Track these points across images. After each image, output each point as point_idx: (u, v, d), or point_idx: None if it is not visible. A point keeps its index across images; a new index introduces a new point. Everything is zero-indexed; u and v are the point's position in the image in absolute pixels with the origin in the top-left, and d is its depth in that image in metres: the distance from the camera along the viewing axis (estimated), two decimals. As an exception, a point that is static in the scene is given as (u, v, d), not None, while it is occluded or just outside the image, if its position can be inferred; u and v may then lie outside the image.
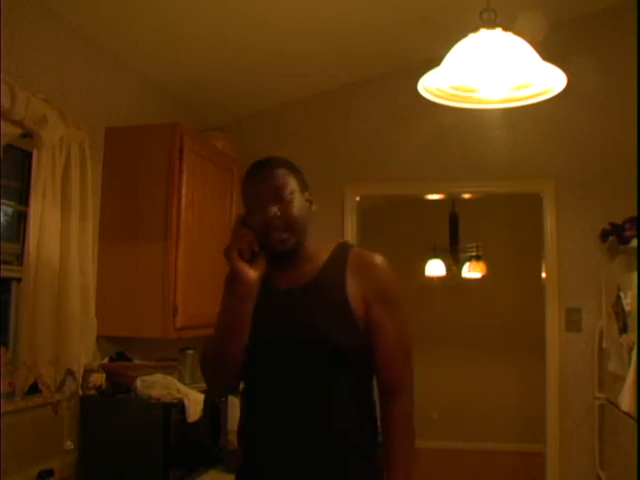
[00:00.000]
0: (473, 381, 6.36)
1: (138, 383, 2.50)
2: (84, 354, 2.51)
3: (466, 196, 4.55)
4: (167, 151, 2.78)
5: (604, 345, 3.49)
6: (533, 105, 1.90)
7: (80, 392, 2.53)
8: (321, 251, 1.60)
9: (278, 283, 1.58)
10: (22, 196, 2.46)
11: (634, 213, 3.31)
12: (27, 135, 2.26)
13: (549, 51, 1.84)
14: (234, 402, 2.78)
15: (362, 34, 3.31)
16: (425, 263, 6.43)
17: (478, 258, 6.31)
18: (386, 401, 1.55)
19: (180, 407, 2.48)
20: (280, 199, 1.50)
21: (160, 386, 2.50)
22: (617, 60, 3.64)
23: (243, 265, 1.45)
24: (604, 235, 3.58)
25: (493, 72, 1.73)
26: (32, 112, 2.19)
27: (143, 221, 2.78)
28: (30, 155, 2.34)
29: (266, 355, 1.52)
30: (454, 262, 6.50)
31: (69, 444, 2.46)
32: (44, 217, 2.30)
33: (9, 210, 2.46)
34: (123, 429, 2.43)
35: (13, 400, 2.23)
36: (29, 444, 2.30)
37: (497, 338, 6.28)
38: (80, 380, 2.50)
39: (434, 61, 1.75)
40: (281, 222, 1.49)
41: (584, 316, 3.66)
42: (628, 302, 3.00)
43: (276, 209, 1.48)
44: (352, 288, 1.52)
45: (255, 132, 4.07)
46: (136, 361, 2.79)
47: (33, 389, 2.31)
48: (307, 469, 1.48)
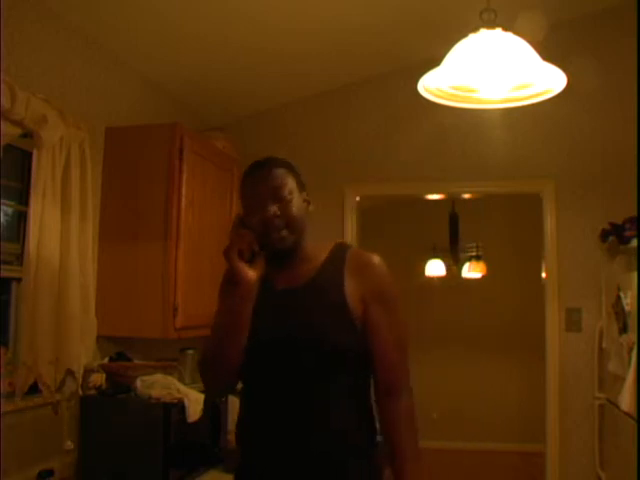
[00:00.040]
0: (473, 381, 6.36)
1: (138, 383, 2.50)
2: (84, 354, 2.51)
3: (466, 196, 4.55)
4: (167, 151, 2.78)
5: (604, 345, 3.48)
6: (533, 105, 1.90)
7: (80, 392, 2.53)
8: (319, 251, 1.60)
9: (276, 283, 1.57)
10: (22, 196, 2.46)
11: (634, 213, 3.31)
12: (27, 135, 2.26)
13: (549, 51, 1.84)
14: (234, 402, 2.78)
15: (362, 34, 3.31)
16: (425, 263, 6.43)
17: (478, 258, 6.31)
18: (385, 401, 1.55)
19: (180, 407, 2.48)
20: (279, 199, 1.50)
21: (160, 386, 2.50)
22: (617, 60, 3.64)
23: (243, 265, 1.46)
24: (604, 235, 3.58)
25: (493, 72, 1.73)
26: (32, 112, 2.19)
27: (143, 221, 2.78)
28: (30, 155, 2.34)
29: (264, 355, 1.52)
30: (454, 262, 6.50)
31: (69, 444, 2.46)
32: (44, 217, 2.30)
33: (9, 210, 2.46)
34: (123, 429, 2.43)
35: (13, 400, 2.23)
36: (29, 444, 2.30)
37: (497, 338, 6.28)
38: (80, 380, 2.50)
39: (434, 61, 1.75)
40: (281, 221, 1.49)
41: (584, 316, 3.66)
42: (628, 302, 3.00)
43: (275, 208, 1.49)
44: (350, 288, 1.52)
45: (255, 132, 4.07)
46: (136, 361, 2.79)
47: (33, 389, 2.31)
48: (305, 469, 1.47)
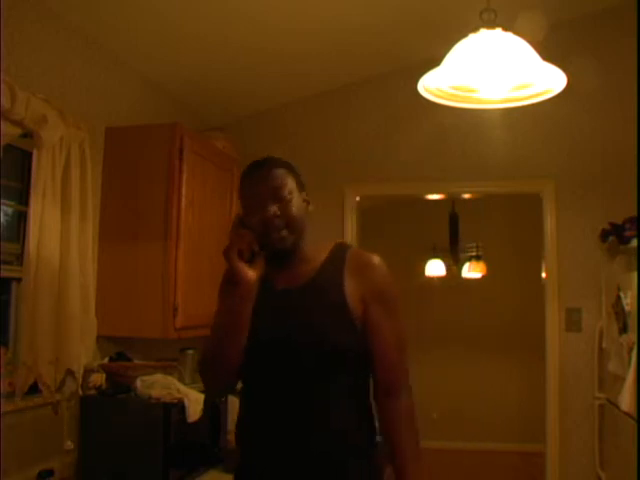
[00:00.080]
0: (473, 381, 6.35)
1: (138, 383, 2.50)
2: (84, 354, 2.51)
3: (466, 196, 4.55)
4: (167, 151, 2.78)
5: (604, 345, 3.48)
6: (533, 105, 1.90)
7: (80, 392, 2.53)
8: (319, 251, 1.60)
9: (276, 283, 1.57)
10: (22, 196, 2.46)
11: (634, 213, 3.31)
12: (27, 135, 2.26)
13: (549, 51, 1.84)
14: (234, 402, 2.78)
15: (362, 34, 3.31)
16: (425, 263, 6.42)
17: (478, 258, 6.30)
18: (385, 401, 1.55)
19: (180, 407, 2.48)
20: (279, 198, 1.50)
21: (160, 386, 2.50)
22: (617, 60, 3.64)
23: (243, 265, 1.46)
24: (604, 235, 3.57)
25: (493, 72, 1.73)
26: (32, 112, 2.19)
27: (143, 221, 2.78)
28: (30, 155, 2.34)
29: (264, 355, 1.52)
30: (454, 262, 6.50)
31: (69, 444, 2.46)
32: (44, 217, 2.30)
33: (9, 210, 2.46)
34: (123, 429, 2.43)
35: (13, 400, 2.23)
36: (29, 444, 2.30)
37: (497, 338, 6.28)
38: (80, 380, 2.50)
39: (434, 61, 1.75)
40: (281, 221, 1.49)
41: (584, 316, 3.66)
42: (628, 302, 3.00)
43: (275, 208, 1.49)
44: (350, 288, 1.52)
45: (255, 132, 4.07)
46: (136, 361, 2.79)
47: (33, 389, 2.31)
48: (305, 469, 1.48)
